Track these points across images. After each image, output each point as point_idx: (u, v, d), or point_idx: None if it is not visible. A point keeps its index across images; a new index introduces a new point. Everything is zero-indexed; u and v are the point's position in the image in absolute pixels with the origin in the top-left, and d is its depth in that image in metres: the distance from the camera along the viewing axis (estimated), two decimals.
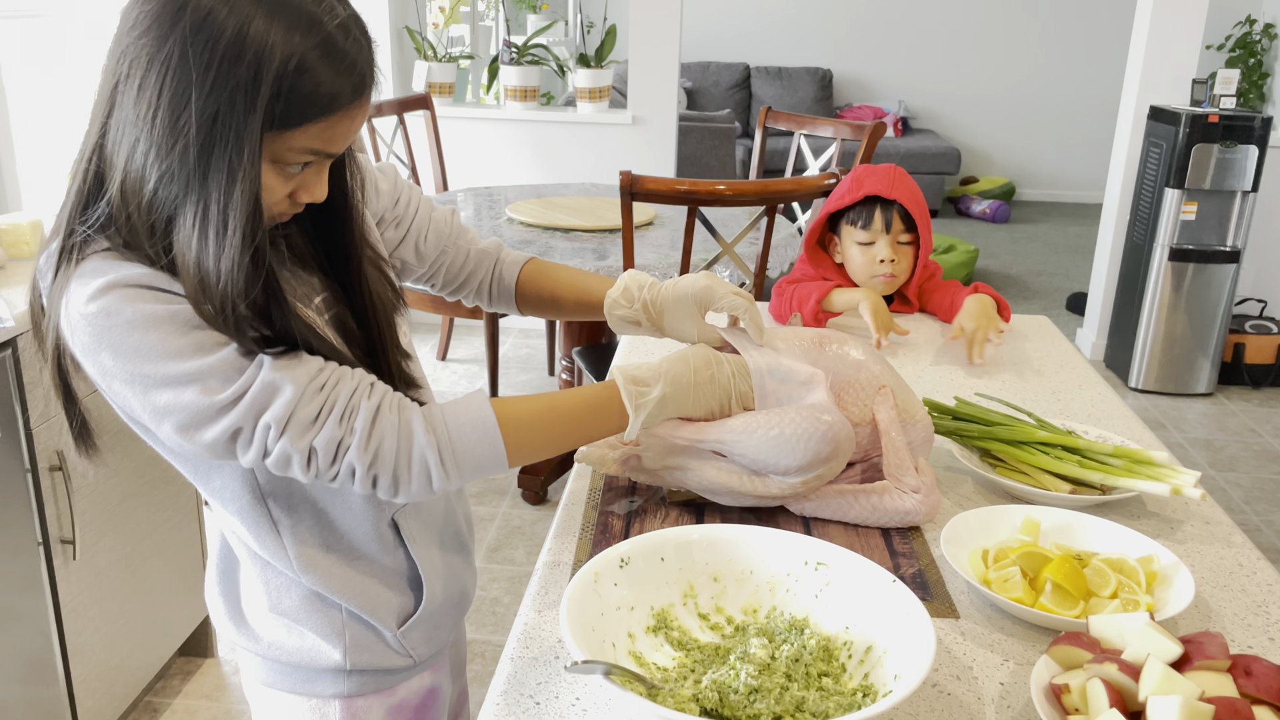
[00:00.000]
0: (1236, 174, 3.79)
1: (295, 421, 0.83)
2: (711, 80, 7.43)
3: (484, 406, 0.91)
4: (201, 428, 0.82)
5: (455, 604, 1.09)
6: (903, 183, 1.72)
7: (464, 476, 0.91)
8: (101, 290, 0.80)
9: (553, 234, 2.91)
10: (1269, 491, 3.32)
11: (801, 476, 1.04)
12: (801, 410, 1.04)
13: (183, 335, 0.81)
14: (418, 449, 0.87)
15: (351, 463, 0.85)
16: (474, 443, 0.90)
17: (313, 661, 1.01)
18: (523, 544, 2.88)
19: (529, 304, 1.23)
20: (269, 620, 1.01)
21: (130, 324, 0.80)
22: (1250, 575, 1.05)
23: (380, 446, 0.86)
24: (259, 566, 1.00)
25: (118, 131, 0.81)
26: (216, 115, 0.77)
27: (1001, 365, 1.63)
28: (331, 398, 0.85)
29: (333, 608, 1.00)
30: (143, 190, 0.81)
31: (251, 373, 0.82)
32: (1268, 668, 0.78)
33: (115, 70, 0.80)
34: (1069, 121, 7.73)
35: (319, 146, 0.83)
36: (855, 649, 0.86)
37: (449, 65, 4.26)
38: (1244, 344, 4.13)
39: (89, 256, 0.83)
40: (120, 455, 1.95)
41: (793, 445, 1.02)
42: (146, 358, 0.80)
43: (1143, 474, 1.13)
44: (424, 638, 1.05)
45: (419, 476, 0.88)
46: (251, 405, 0.82)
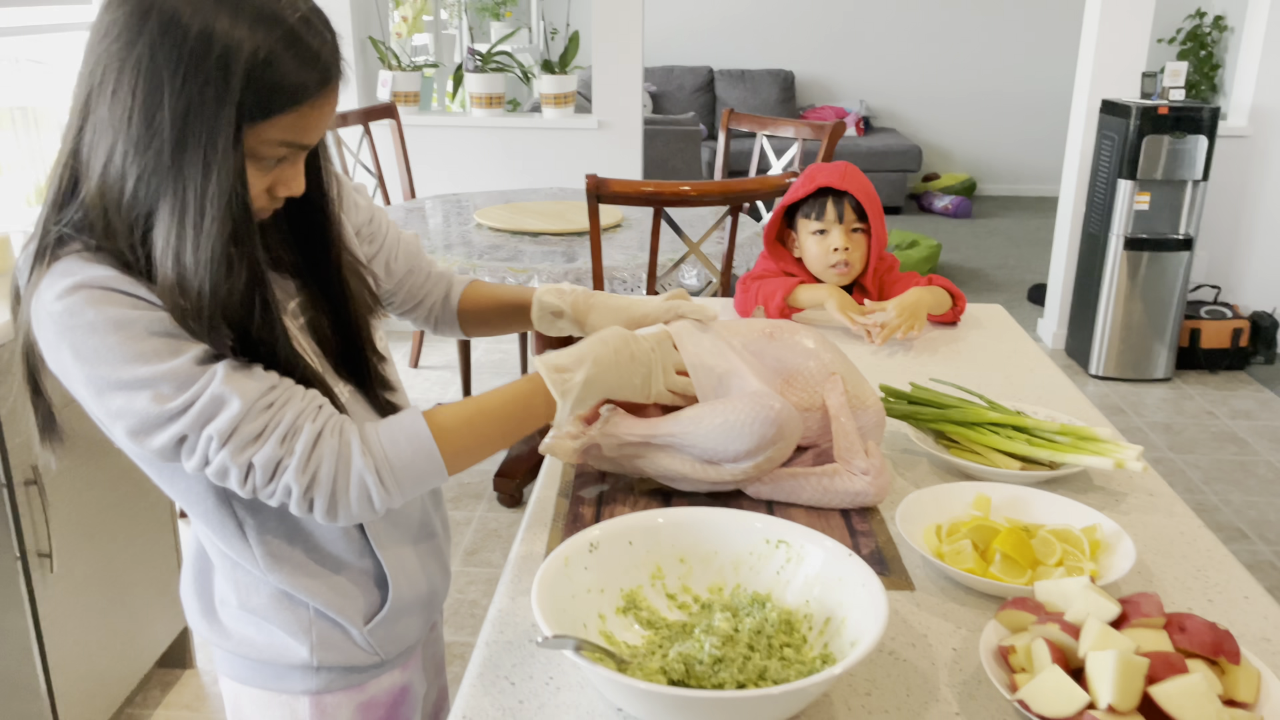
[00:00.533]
0: (1187, 164, 3.89)
1: (238, 436, 0.85)
2: (676, 84, 7.49)
3: (417, 420, 0.93)
4: (150, 433, 0.85)
5: (424, 604, 1.10)
6: (853, 175, 1.79)
7: (405, 492, 0.92)
8: (69, 290, 0.83)
9: (521, 238, 2.94)
10: (1226, 472, 3.41)
11: (751, 461, 1.09)
12: (746, 398, 1.09)
13: (142, 340, 0.83)
14: (355, 471, 0.89)
15: (289, 483, 0.86)
16: (411, 457, 0.91)
17: (281, 658, 1.03)
18: (499, 546, 2.91)
19: (470, 319, 1.28)
20: (239, 617, 1.03)
21: (92, 326, 0.82)
22: (1190, 543, 1.10)
23: (319, 470, 0.87)
24: (229, 565, 1.02)
25: (94, 136, 0.84)
26: (189, 110, 0.80)
27: (956, 351, 1.69)
28: (277, 417, 0.86)
29: (300, 606, 1.02)
30: (122, 190, 0.83)
31: (203, 383, 0.84)
32: (1200, 624, 0.83)
33: (89, 78, 0.84)
34: (1026, 117, 7.86)
35: (292, 138, 0.86)
36: (815, 620, 0.90)
37: (413, 74, 4.28)
38: (1199, 329, 4.23)
39: (62, 257, 0.85)
40: (94, 468, 1.96)
41: (739, 432, 1.07)
42: (104, 360, 0.83)
43: (1088, 449, 1.19)
44: (391, 636, 1.07)
45: (358, 499, 0.89)
46: (199, 415, 0.84)
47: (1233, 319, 4.24)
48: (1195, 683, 0.76)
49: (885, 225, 1.83)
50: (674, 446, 1.11)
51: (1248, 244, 4.44)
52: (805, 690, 0.75)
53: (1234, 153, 4.30)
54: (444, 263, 2.71)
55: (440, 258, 2.73)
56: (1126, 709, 0.75)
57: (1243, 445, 3.61)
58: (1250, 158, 4.31)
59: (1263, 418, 3.85)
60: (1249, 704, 0.80)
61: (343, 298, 1.01)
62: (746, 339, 1.18)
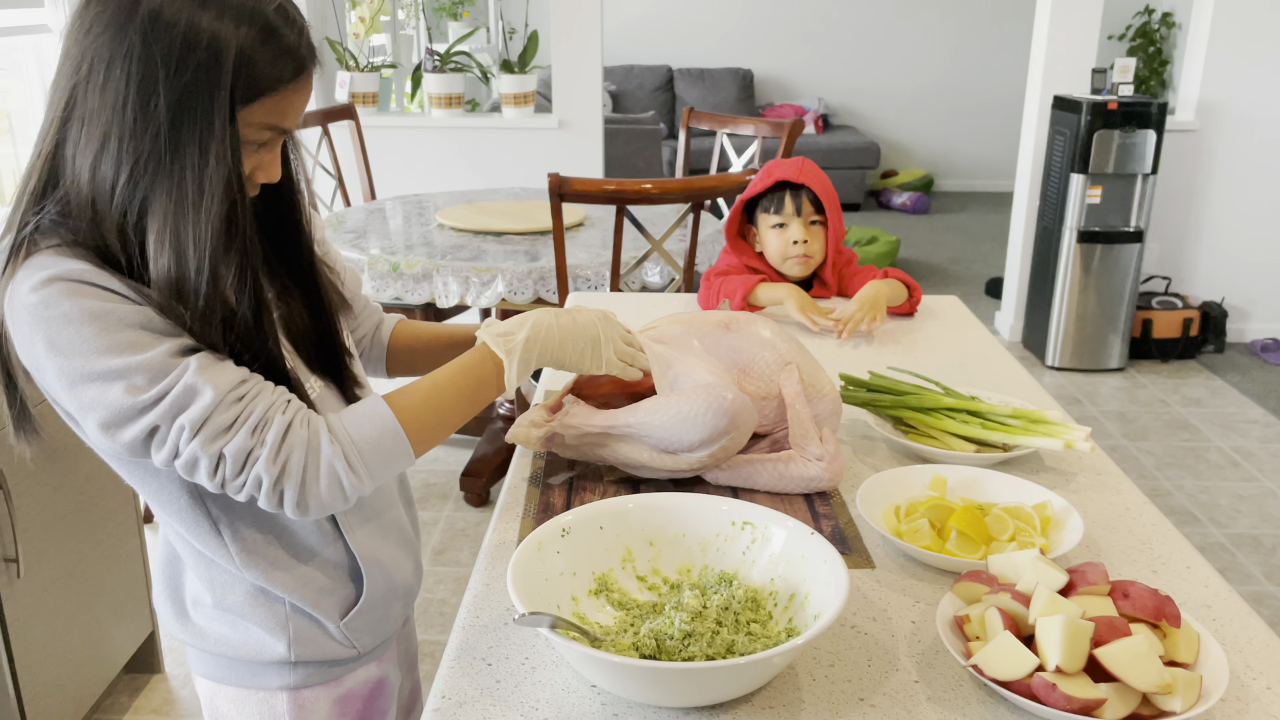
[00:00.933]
0: (1137, 158, 3.98)
1: (209, 426, 0.86)
2: (635, 83, 7.52)
3: (379, 404, 0.95)
4: (123, 426, 0.85)
5: (398, 596, 1.12)
6: (810, 170, 1.84)
7: (374, 475, 0.93)
8: (44, 282, 0.84)
9: (484, 238, 2.96)
10: (1179, 458, 3.50)
11: (706, 450, 1.13)
12: (700, 389, 1.13)
13: (117, 332, 0.84)
14: (324, 459, 0.90)
15: (259, 474, 0.87)
16: (377, 440, 0.93)
17: (258, 655, 1.04)
18: (467, 545, 2.92)
19: (399, 357, 1.26)
20: (214, 616, 1.04)
21: (67, 317, 0.83)
22: (1136, 517, 1.15)
23: (289, 460, 0.88)
24: (203, 564, 1.02)
25: (83, 127, 0.85)
26: (184, 96, 0.84)
27: (914, 341, 1.73)
28: (248, 409, 0.88)
29: (276, 602, 1.03)
30: (116, 178, 0.85)
31: (176, 374, 0.85)
32: (1143, 590, 0.88)
33: (74, 72, 0.85)
34: (982, 113, 7.99)
35: (275, 121, 0.90)
36: (780, 597, 0.94)
37: (371, 75, 4.28)
38: (1151, 320, 4.33)
39: (38, 251, 0.86)
40: (61, 472, 1.96)
41: (693, 422, 1.11)
42: (78, 352, 0.84)
43: (1038, 431, 1.23)
44: (367, 628, 1.08)
45: (329, 486, 0.90)
46: (171, 405, 0.85)
47: (1183, 309, 4.35)
48: (1138, 644, 0.80)
49: (843, 218, 1.87)
50: (632, 437, 1.15)
51: (1196, 235, 4.55)
52: (770, 661, 0.79)
53: (1182, 146, 4.41)
54: (407, 264, 2.72)
55: (403, 259, 2.74)
56: (1073, 670, 0.79)
57: (1194, 432, 3.71)
58: (1198, 151, 4.43)
59: (1213, 405, 3.96)
60: (1189, 664, 0.85)
61: (315, 290, 1.03)
62: (703, 330, 1.22)
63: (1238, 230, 4.52)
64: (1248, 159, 4.43)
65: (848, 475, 1.25)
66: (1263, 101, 4.35)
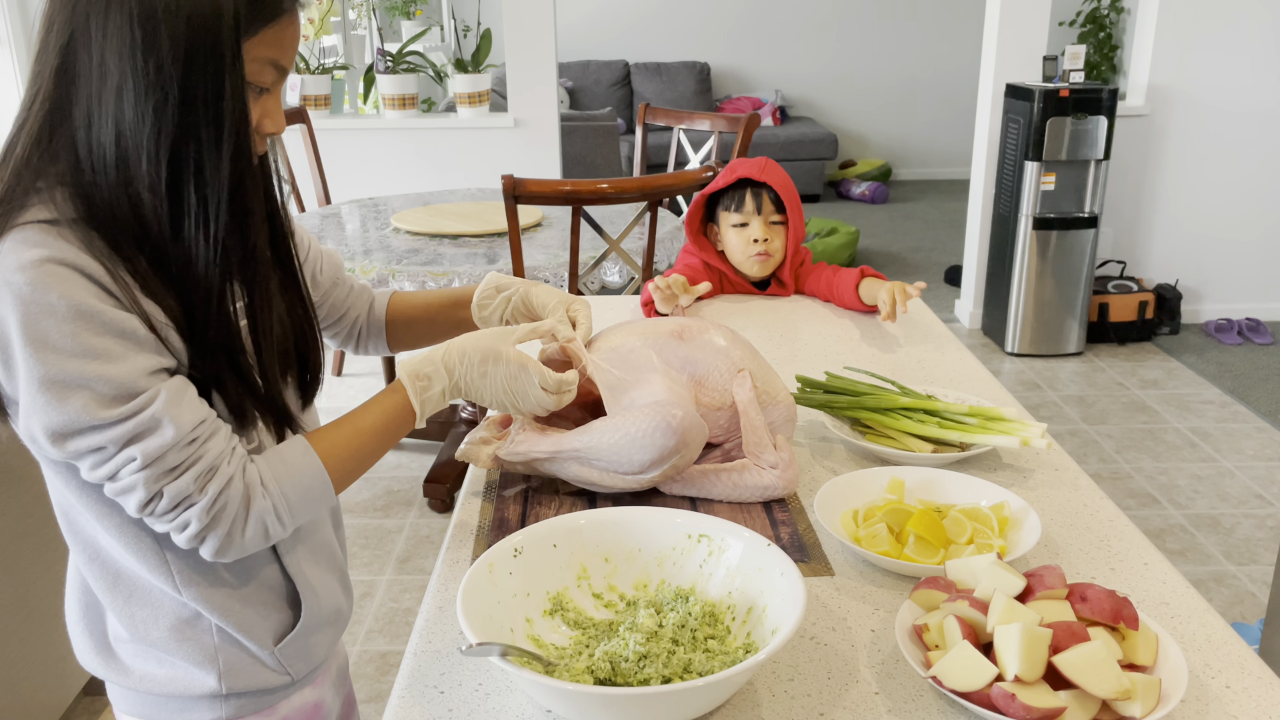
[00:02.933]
0: (1089, 144, 4.02)
1: (160, 464, 0.84)
2: (592, 78, 7.49)
3: (309, 453, 0.95)
4: (71, 438, 0.83)
5: (331, 622, 1.09)
6: (772, 169, 1.84)
7: (298, 520, 0.95)
8: (37, 262, 0.80)
9: (441, 241, 2.93)
10: (1138, 440, 3.54)
11: (657, 470, 1.12)
12: (647, 409, 1.11)
13: (96, 336, 0.81)
14: (256, 511, 0.90)
15: (189, 519, 0.87)
16: (305, 489, 0.94)
17: (186, 690, 1.00)
18: (432, 553, 2.89)
19: (399, 328, 1.27)
20: (136, 653, 1.00)
21: (51, 308, 0.80)
22: (1094, 514, 1.15)
23: (221, 513, 0.88)
24: (121, 599, 0.98)
25: (87, 87, 0.83)
26: (189, 29, 0.82)
27: (871, 338, 1.73)
28: (197, 454, 0.87)
29: (203, 633, 0.99)
30: (138, 133, 0.83)
31: (143, 400, 0.83)
32: (1100, 592, 0.87)
33: (64, 30, 0.83)
34: (937, 101, 8.03)
35: (275, 55, 0.89)
36: (738, 610, 0.93)
37: (323, 77, 4.22)
38: (1108, 304, 4.38)
39: (26, 225, 0.82)
40: (7, 495, 1.90)
41: (640, 444, 1.10)
42: (52, 348, 0.80)
43: (995, 429, 1.23)
44: (300, 654, 1.05)
45: (254, 535, 0.91)
46: (129, 433, 0.83)
47: (1139, 292, 4.40)
48: (1095, 650, 0.79)
49: (803, 218, 1.87)
50: (580, 460, 1.13)
51: (1150, 219, 4.60)
52: (728, 680, 0.77)
53: (1134, 131, 4.45)
54: (363, 269, 2.69)
55: (359, 264, 2.70)
56: (1032, 679, 0.79)
57: (1152, 414, 3.75)
58: (1149, 136, 4.47)
59: (1170, 386, 4.01)
60: (1147, 666, 0.84)
61: (295, 284, 1.03)
62: (658, 341, 1.20)
63: (1190, 213, 4.58)
64: (1198, 142, 4.48)
65: (806, 479, 1.24)
66: (1211, 85, 4.40)
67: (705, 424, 1.15)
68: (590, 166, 5.37)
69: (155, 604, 0.98)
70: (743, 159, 1.87)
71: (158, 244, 0.87)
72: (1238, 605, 2.61)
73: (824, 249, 5.49)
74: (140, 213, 0.86)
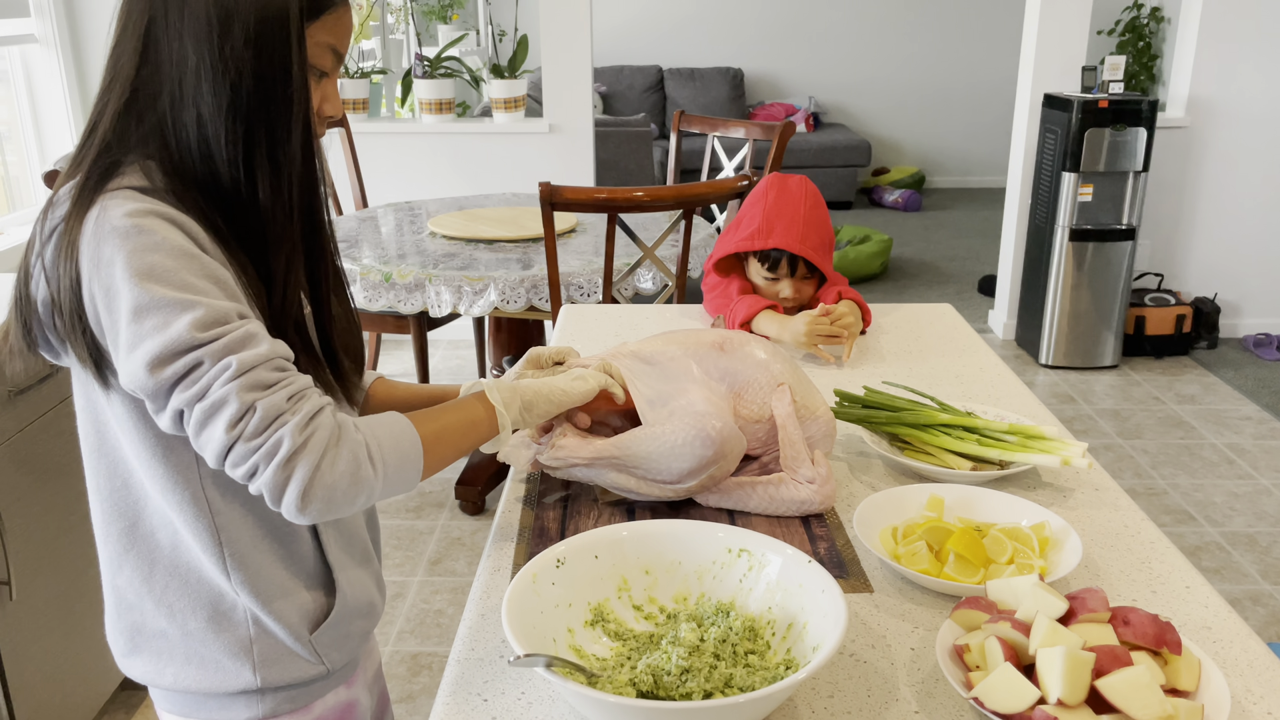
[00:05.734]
0: (1128, 155, 3.98)
1: (253, 375, 0.85)
2: (626, 84, 7.51)
3: (398, 416, 0.97)
4: (171, 360, 0.84)
5: (364, 614, 1.10)
6: (812, 235, 1.74)
7: (389, 478, 0.92)
8: (142, 211, 0.87)
9: (476, 246, 2.95)
10: (1173, 456, 3.51)
11: (694, 479, 1.13)
12: (686, 418, 1.12)
13: (196, 276, 0.86)
14: (348, 443, 0.89)
15: (282, 437, 0.84)
16: (396, 441, 0.94)
17: (223, 686, 1.01)
18: (463, 555, 2.91)
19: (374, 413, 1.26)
20: (173, 650, 1.02)
21: (158, 245, 0.85)
22: (1135, 535, 1.15)
23: (314, 435, 0.86)
24: (159, 588, 1.00)
25: (169, 64, 0.90)
26: (262, 12, 0.89)
27: (909, 352, 1.73)
28: (290, 378, 0.88)
29: (239, 625, 1.00)
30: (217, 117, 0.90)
31: (239, 322, 0.87)
32: (1143, 616, 0.87)
33: (145, 13, 0.91)
34: (973, 109, 7.99)
35: (334, 40, 0.96)
36: (778, 626, 0.93)
37: (361, 81, 4.26)
38: (1145, 316, 4.33)
39: (123, 188, 0.89)
40: (49, 493, 1.94)
41: (678, 453, 1.10)
42: (156, 278, 0.84)
43: (1035, 448, 1.23)
44: (336, 644, 1.06)
45: (345, 474, 0.87)
46: (226, 345, 0.85)
47: (1176, 305, 4.35)
48: (1139, 674, 0.79)
49: (833, 262, 1.81)
50: (619, 467, 1.14)
51: (1189, 232, 4.55)
52: (769, 696, 0.78)
53: (1173, 143, 4.41)
54: (400, 274, 2.71)
55: (395, 268, 2.73)
56: (1075, 703, 0.79)
57: (1188, 429, 3.71)
58: (1189, 148, 4.43)
59: (1207, 401, 3.96)
60: (1190, 692, 0.84)
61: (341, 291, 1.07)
62: (699, 352, 1.21)
63: (1230, 226, 4.52)
64: (1239, 154, 4.43)
65: (843, 494, 1.24)
66: (1253, 97, 4.35)
67: (743, 435, 1.16)
68: (623, 171, 5.39)
69: (193, 592, 1.00)
70: (780, 207, 1.76)
71: (238, 216, 0.93)
72: (1274, 625, 2.58)
73: (856, 257, 5.47)
74: (221, 185, 0.92)
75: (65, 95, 3.81)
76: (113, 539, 1.01)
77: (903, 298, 5.28)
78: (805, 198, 1.77)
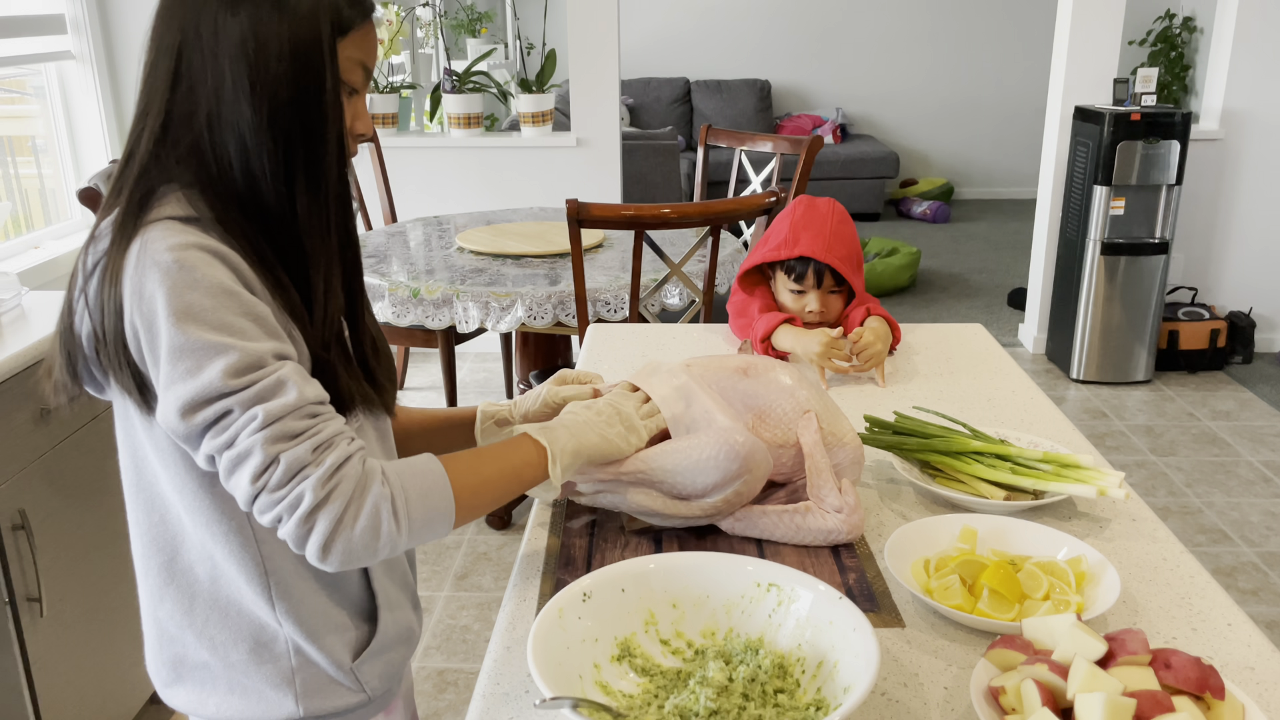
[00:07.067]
0: (1161, 168, 3.93)
1: (280, 426, 0.85)
2: (653, 96, 7.51)
3: (432, 460, 0.95)
4: (201, 408, 0.85)
5: (404, 640, 1.10)
6: (838, 244, 1.73)
7: (414, 530, 0.91)
8: (185, 245, 0.87)
9: (504, 261, 2.95)
10: (1208, 474, 3.45)
11: (720, 494, 1.11)
12: (711, 433, 1.11)
13: (235, 315, 0.87)
14: (372, 497, 0.88)
15: (303, 491, 0.84)
16: (425, 493, 0.92)
17: (266, 716, 1.01)
18: (490, 570, 2.91)
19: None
20: (216, 681, 1.02)
21: (197, 283, 0.86)
22: (1174, 569, 1.12)
23: (337, 488, 0.86)
24: (199, 621, 1.00)
25: (204, 84, 0.91)
26: (296, 27, 0.91)
27: (940, 374, 1.71)
28: (318, 426, 0.88)
29: (281, 656, 1.00)
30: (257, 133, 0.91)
31: (271, 368, 0.87)
32: (1185, 660, 0.85)
33: (178, 33, 0.91)
34: (1002, 120, 7.93)
35: (362, 57, 0.97)
36: (808, 664, 0.92)
37: (391, 96, 4.28)
38: (1178, 331, 4.27)
39: (166, 219, 0.89)
40: (82, 510, 1.95)
41: (704, 466, 1.09)
42: (196, 319, 0.85)
43: (1070, 477, 1.20)
44: (377, 671, 1.06)
45: (365, 529, 0.87)
46: (256, 393, 0.85)
47: (1210, 320, 4.29)
48: None
49: (864, 277, 1.80)
50: (645, 482, 1.13)
51: (1223, 245, 4.49)
52: None
53: (1207, 156, 4.35)
54: (428, 289, 2.72)
55: (424, 284, 2.74)
56: None
57: (1223, 446, 3.65)
58: (1223, 160, 4.37)
59: (1242, 418, 3.90)
60: None
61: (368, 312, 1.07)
62: (718, 375, 1.20)
63: (1264, 239, 4.45)
64: (1274, 167, 4.37)
65: (874, 522, 1.22)
66: None
67: (768, 452, 1.14)
68: (650, 185, 5.38)
69: (234, 625, 1.00)
70: (806, 220, 1.76)
71: (278, 234, 0.94)
72: None
73: (884, 269, 5.43)
74: (263, 202, 0.93)
75: (100, 110, 3.86)
76: (153, 573, 1.01)
77: (931, 310, 5.24)
78: (832, 214, 1.77)
